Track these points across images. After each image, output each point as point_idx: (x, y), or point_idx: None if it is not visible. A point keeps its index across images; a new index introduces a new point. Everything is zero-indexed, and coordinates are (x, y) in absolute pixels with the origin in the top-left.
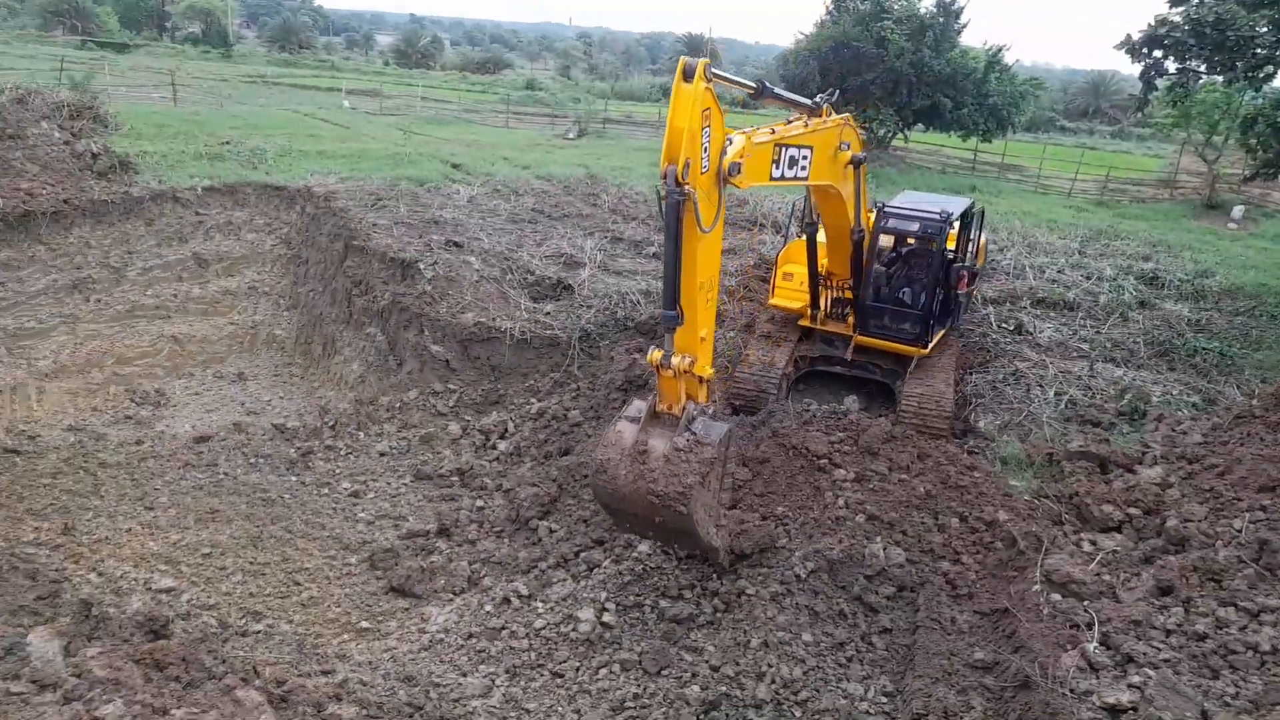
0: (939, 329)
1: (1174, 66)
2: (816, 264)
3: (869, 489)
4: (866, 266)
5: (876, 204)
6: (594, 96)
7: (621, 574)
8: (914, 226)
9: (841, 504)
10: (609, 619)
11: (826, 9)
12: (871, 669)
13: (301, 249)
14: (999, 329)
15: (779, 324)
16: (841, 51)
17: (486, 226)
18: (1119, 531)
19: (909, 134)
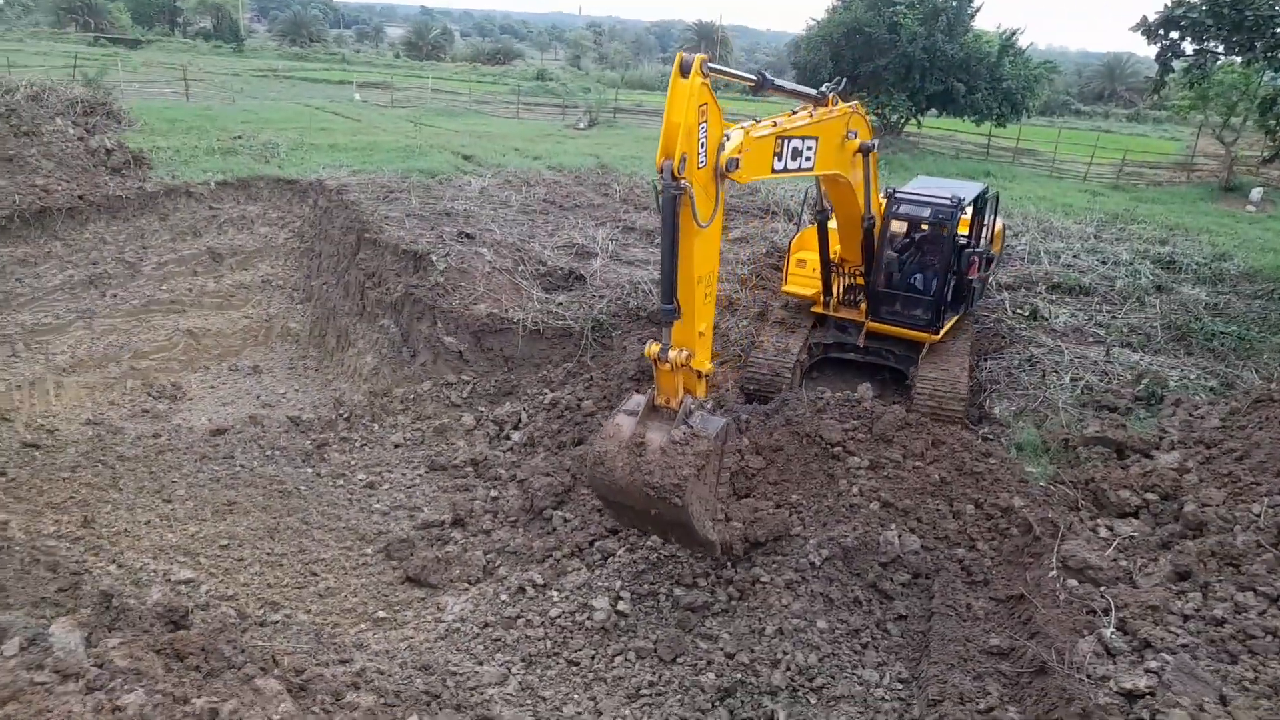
0: (951, 315)
1: (1191, 48)
2: (829, 250)
3: (883, 476)
4: (878, 253)
5: (888, 190)
6: (604, 86)
7: (636, 562)
8: (925, 212)
9: (856, 491)
10: (624, 607)
11: None
12: (887, 655)
13: (314, 242)
14: (1014, 314)
15: (793, 311)
16: (854, 37)
17: (498, 218)
18: (1136, 517)
19: (922, 119)
